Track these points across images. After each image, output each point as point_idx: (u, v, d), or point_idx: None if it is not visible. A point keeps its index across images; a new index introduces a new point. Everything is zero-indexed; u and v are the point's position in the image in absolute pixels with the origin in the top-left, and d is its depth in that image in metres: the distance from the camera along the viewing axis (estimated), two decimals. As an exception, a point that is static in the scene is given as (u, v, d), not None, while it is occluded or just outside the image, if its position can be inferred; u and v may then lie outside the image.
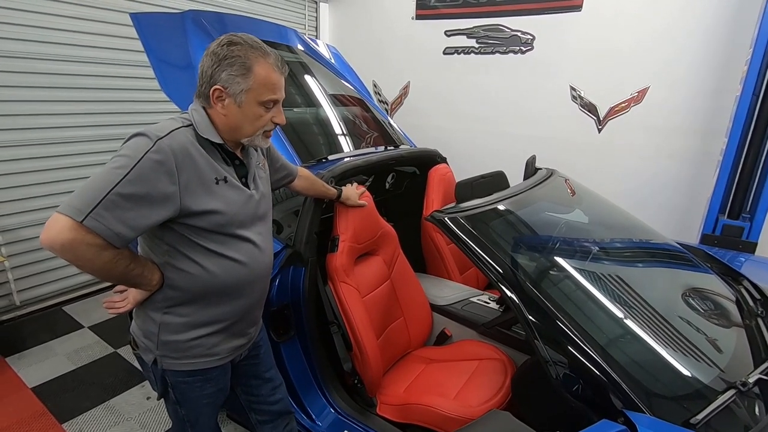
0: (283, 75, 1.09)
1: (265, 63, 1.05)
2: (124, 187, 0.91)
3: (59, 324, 2.84)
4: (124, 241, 0.94)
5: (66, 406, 2.14)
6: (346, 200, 1.68)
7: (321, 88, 2.31)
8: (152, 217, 0.96)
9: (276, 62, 1.07)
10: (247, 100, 1.05)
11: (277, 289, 1.57)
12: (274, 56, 1.07)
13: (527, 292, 1.23)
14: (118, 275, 0.99)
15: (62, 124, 2.85)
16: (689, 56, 2.96)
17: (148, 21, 1.95)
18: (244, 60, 1.02)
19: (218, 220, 1.05)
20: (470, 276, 2.44)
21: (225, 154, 1.11)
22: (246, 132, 1.08)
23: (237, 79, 1.03)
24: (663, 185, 3.23)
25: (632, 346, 1.20)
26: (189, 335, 1.11)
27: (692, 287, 1.57)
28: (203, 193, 1.02)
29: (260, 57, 1.04)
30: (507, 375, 1.63)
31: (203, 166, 1.03)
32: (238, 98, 1.04)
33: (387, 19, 4.21)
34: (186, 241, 1.05)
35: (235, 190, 1.10)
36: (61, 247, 0.89)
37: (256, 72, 1.03)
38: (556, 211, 1.77)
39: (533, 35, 3.52)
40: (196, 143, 1.04)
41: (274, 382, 1.40)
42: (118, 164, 0.93)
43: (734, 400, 1.06)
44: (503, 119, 3.79)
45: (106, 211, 0.90)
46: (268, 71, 1.05)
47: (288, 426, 1.45)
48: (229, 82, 1.03)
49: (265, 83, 1.04)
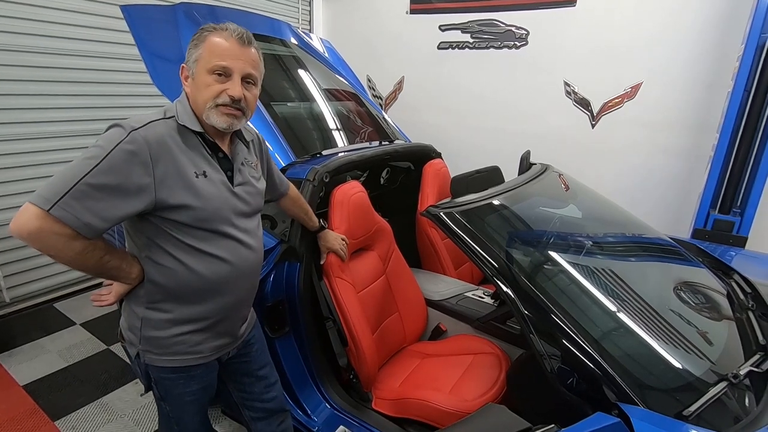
0: (240, 45, 1.04)
1: (218, 34, 1.03)
2: (94, 177, 0.90)
3: (50, 321, 2.81)
4: (94, 232, 0.93)
5: (58, 404, 2.12)
6: (322, 238, 1.62)
7: (315, 82, 2.30)
8: (124, 209, 0.95)
9: (232, 33, 1.03)
10: (197, 70, 1.03)
11: (271, 284, 1.56)
12: (234, 28, 1.04)
13: (522, 287, 1.23)
14: (92, 267, 0.98)
15: (54, 119, 2.81)
16: (682, 52, 2.98)
17: (139, 13, 1.91)
18: (201, 34, 1.04)
19: (197, 215, 1.03)
20: (465, 271, 2.45)
21: (207, 147, 1.08)
22: (199, 105, 1.04)
23: (192, 51, 1.04)
24: (655, 180, 3.25)
25: (625, 340, 1.22)
26: (171, 332, 1.10)
27: (684, 281, 1.58)
28: (180, 187, 1.00)
29: (217, 30, 1.04)
30: (502, 369, 1.64)
31: (181, 159, 1.01)
32: (192, 70, 1.04)
33: (381, 14, 4.18)
34: (164, 235, 1.03)
35: (217, 185, 1.07)
36: (29, 235, 0.89)
37: (207, 41, 1.03)
38: (551, 206, 1.78)
39: (527, 30, 3.52)
40: (177, 136, 1.02)
41: (267, 379, 1.38)
42: (90, 154, 0.92)
43: (725, 392, 1.07)
44: (498, 114, 3.79)
45: (74, 201, 0.89)
46: (219, 40, 1.03)
47: (283, 423, 1.44)
48: (188, 57, 1.04)
49: (211, 49, 1.02)
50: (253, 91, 1.09)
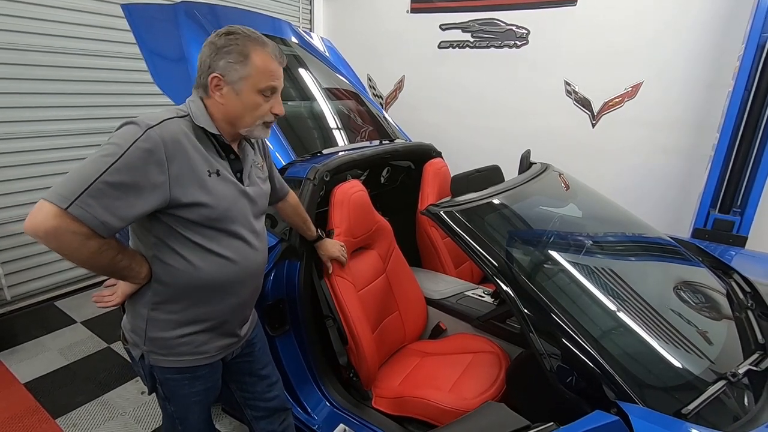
0: (281, 64, 1.08)
1: (263, 51, 1.04)
2: (111, 175, 0.89)
3: (51, 319, 2.81)
4: (110, 231, 0.92)
5: (59, 402, 2.12)
6: (321, 248, 1.60)
7: (315, 81, 2.30)
8: (141, 207, 0.94)
9: (274, 51, 1.06)
10: (245, 88, 1.04)
11: (272, 283, 1.56)
12: (273, 46, 1.07)
13: (522, 286, 1.24)
14: (105, 266, 0.98)
15: (51, 117, 2.81)
16: (682, 51, 2.97)
17: (140, 12, 1.92)
18: (242, 48, 1.02)
19: (208, 214, 1.03)
20: (465, 270, 2.46)
21: (220, 147, 1.09)
22: (245, 122, 1.07)
23: (235, 66, 1.02)
24: (656, 180, 3.25)
25: (625, 339, 1.22)
26: (176, 333, 1.10)
27: (684, 280, 1.59)
28: (194, 185, 1.01)
29: (258, 46, 1.04)
30: (501, 368, 1.65)
31: (195, 158, 1.02)
32: (237, 86, 1.03)
33: (382, 13, 4.18)
34: (174, 233, 1.03)
35: (228, 185, 1.08)
36: (45, 234, 0.87)
37: (253, 59, 1.02)
38: (551, 206, 1.78)
39: (528, 29, 3.51)
40: (191, 134, 1.03)
41: (269, 379, 1.39)
42: (106, 152, 0.91)
43: (724, 390, 1.08)
44: (498, 114, 3.79)
45: (92, 199, 0.88)
46: (266, 59, 1.04)
47: (285, 422, 1.44)
48: (227, 69, 1.02)
49: (263, 71, 1.03)
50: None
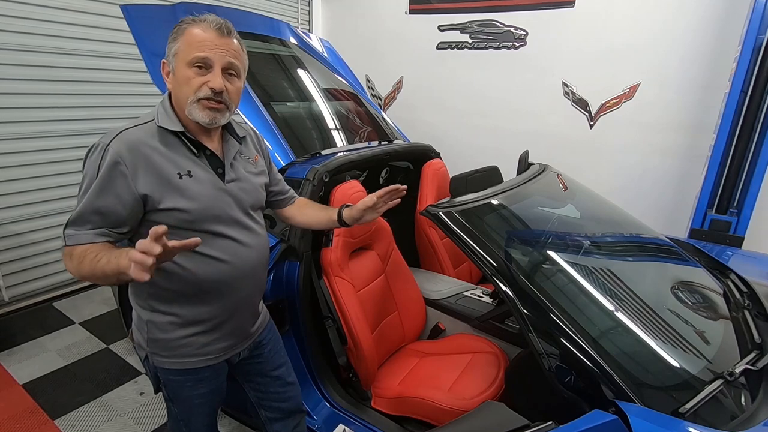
0: (220, 35, 0.99)
1: (196, 25, 0.99)
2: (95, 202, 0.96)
3: (49, 320, 2.80)
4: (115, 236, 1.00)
5: (58, 402, 2.12)
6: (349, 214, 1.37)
7: (314, 82, 2.30)
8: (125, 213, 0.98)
9: (211, 23, 0.99)
10: (177, 65, 1.00)
11: (271, 283, 1.57)
12: (213, 19, 1.00)
13: (521, 286, 1.24)
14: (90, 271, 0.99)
15: (51, 118, 2.80)
16: (680, 53, 2.99)
17: (139, 12, 1.91)
18: (179, 27, 1.00)
19: (184, 217, 1.01)
20: (464, 270, 2.46)
21: (192, 146, 1.04)
22: (181, 101, 1.01)
23: (170, 45, 1.01)
24: (653, 180, 3.27)
25: (623, 338, 1.23)
26: (177, 334, 1.10)
27: (681, 280, 1.59)
28: (164, 190, 0.98)
29: (196, 21, 0.99)
30: (500, 367, 1.65)
31: (160, 162, 0.99)
32: (172, 65, 1.01)
33: (380, 14, 4.18)
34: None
35: (204, 184, 1.04)
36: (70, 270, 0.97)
37: (185, 33, 0.99)
38: (549, 206, 1.79)
39: (526, 31, 3.53)
40: (153, 139, 1.00)
41: (283, 379, 1.36)
42: (84, 187, 0.97)
43: (721, 389, 1.08)
44: (496, 115, 3.80)
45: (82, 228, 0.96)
46: (197, 31, 0.98)
47: (299, 426, 1.42)
48: (168, 51, 1.01)
49: (190, 42, 0.98)
50: (236, 83, 1.05)
